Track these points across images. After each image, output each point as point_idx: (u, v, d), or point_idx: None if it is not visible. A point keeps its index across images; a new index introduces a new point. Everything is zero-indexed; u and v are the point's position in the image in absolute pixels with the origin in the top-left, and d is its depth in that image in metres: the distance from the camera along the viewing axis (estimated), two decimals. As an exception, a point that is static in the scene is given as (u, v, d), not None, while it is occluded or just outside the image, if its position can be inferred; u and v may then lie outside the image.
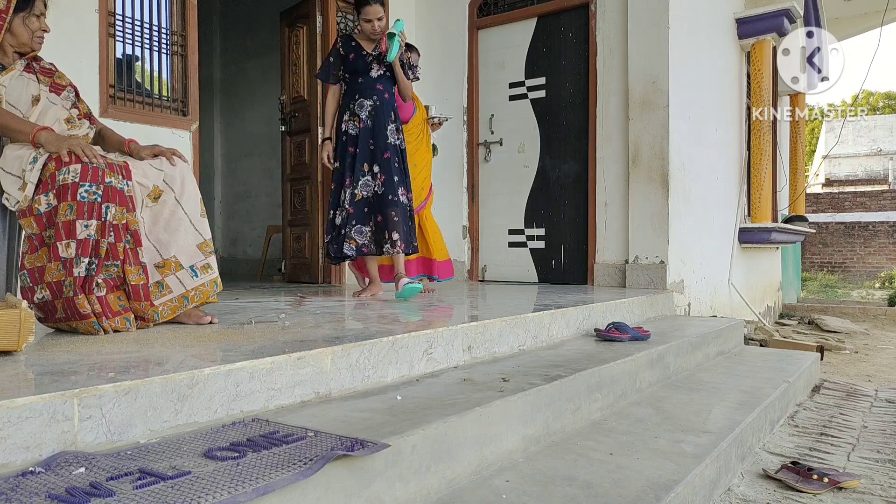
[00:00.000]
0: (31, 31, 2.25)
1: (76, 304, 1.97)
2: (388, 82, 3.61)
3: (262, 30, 6.93)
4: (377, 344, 1.97)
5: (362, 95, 3.54)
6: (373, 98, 3.54)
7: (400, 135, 3.60)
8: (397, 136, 3.58)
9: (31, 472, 1.15)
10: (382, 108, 3.54)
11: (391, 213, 3.43)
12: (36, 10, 2.26)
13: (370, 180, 3.49)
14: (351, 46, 3.58)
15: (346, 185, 3.51)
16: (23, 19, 2.23)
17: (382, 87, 3.57)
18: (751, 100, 6.01)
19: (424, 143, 4.12)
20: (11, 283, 2.21)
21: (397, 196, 3.45)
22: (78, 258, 1.97)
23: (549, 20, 5.04)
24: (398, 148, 3.56)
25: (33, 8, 2.25)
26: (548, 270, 5.01)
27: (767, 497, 2.00)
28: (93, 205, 1.99)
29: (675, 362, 2.95)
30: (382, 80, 3.59)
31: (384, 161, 3.48)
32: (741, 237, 5.78)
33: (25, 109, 2.20)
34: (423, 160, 4.07)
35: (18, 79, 2.23)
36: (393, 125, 3.57)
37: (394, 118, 3.59)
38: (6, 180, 2.10)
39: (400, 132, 3.61)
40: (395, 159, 3.52)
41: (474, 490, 1.55)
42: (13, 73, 2.23)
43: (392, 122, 3.57)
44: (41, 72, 2.32)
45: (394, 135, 3.56)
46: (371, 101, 3.53)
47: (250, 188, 7.17)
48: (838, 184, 19.70)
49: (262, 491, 1.10)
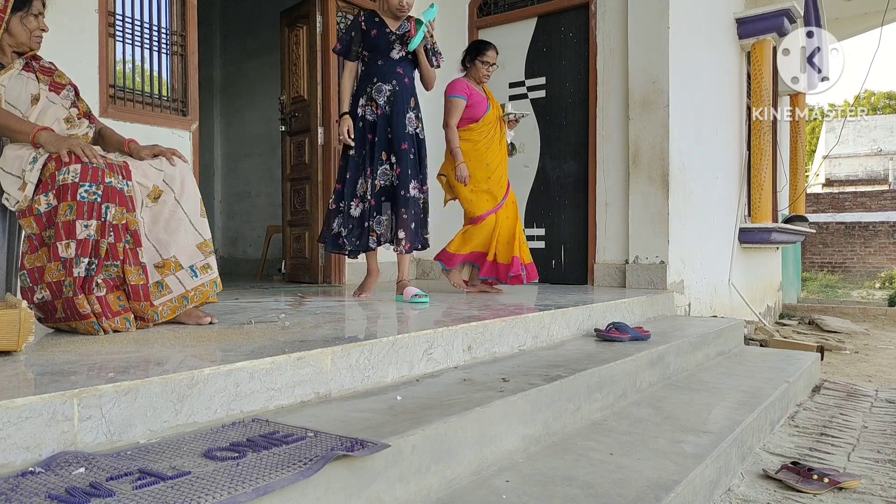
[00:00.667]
0: (30, 30, 2.25)
1: (76, 304, 1.96)
2: (409, 66, 3.39)
3: (262, 30, 6.93)
4: (377, 344, 1.97)
5: (381, 79, 3.33)
6: (392, 82, 3.33)
7: (419, 123, 3.42)
8: (416, 124, 3.39)
9: (30, 472, 1.14)
10: (402, 94, 3.33)
11: (401, 209, 3.31)
12: (34, 9, 2.25)
13: (388, 169, 3.33)
14: (374, 22, 3.35)
15: (366, 176, 3.33)
16: (20, 19, 2.22)
17: (403, 70, 3.36)
18: (751, 100, 6.01)
19: (497, 142, 3.92)
20: (11, 283, 2.21)
21: (409, 191, 3.31)
22: (78, 258, 1.97)
23: (549, 20, 5.04)
24: (416, 137, 3.39)
25: (31, 7, 2.24)
26: (548, 270, 5.01)
27: (768, 497, 2.00)
28: (93, 205, 1.99)
29: (675, 362, 2.95)
30: (403, 63, 3.36)
31: (401, 152, 3.31)
32: (741, 237, 5.78)
33: (25, 108, 2.20)
34: (496, 159, 3.89)
35: (17, 78, 2.23)
36: (412, 112, 3.37)
37: (413, 105, 3.39)
38: (6, 180, 2.10)
39: (419, 120, 3.43)
40: (412, 150, 3.35)
41: (474, 490, 1.55)
42: (12, 73, 2.22)
43: (411, 110, 3.37)
44: (41, 70, 2.32)
45: (412, 123, 3.36)
46: (390, 86, 3.32)
47: (250, 188, 7.17)
48: (838, 184, 19.70)
49: (262, 491, 1.10)
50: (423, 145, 3.44)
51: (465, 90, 3.80)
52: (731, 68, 5.69)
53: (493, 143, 3.90)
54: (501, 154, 3.95)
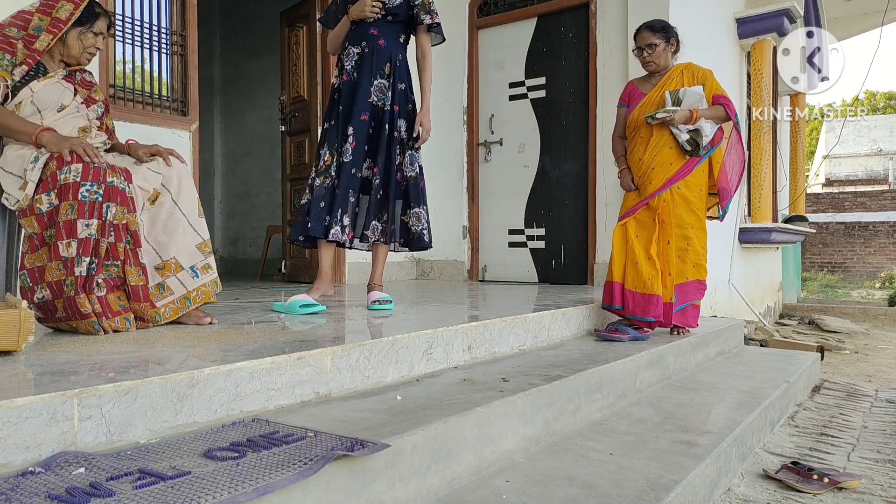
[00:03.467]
0: (84, 46, 2.27)
1: (77, 303, 1.97)
2: (390, 28, 2.86)
3: (262, 30, 6.93)
4: (377, 344, 1.97)
5: (351, 43, 2.88)
6: (361, 44, 2.85)
7: (397, 96, 2.85)
8: (385, 95, 2.83)
9: (30, 472, 1.14)
10: (371, 57, 2.82)
11: (363, 196, 2.85)
12: (96, 27, 2.27)
13: (348, 146, 2.81)
14: None
15: (333, 148, 2.83)
16: (79, 33, 2.24)
17: (377, 31, 2.84)
18: (751, 100, 6.01)
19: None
20: (11, 283, 2.21)
21: (360, 172, 2.83)
22: (79, 257, 1.97)
23: (549, 20, 5.04)
24: (382, 110, 2.83)
25: (93, 26, 2.26)
26: (548, 270, 5.01)
27: (767, 497, 2.00)
28: (94, 204, 1.99)
29: (675, 362, 2.95)
30: (380, 24, 2.85)
31: (359, 124, 2.80)
32: (741, 237, 5.78)
33: (46, 113, 2.20)
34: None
35: (55, 85, 2.23)
36: (383, 80, 2.82)
37: (388, 72, 2.84)
38: (7, 180, 2.10)
39: (399, 93, 2.86)
40: (371, 124, 2.82)
41: (474, 490, 1.55)
42: (51, 80, 2.22)
43: (383, 77, 2.83)
44: (81, 83, 2.33)
45: (380, 93, 2.82)
46: (358, 48, 2.85)
47: (250, 188, 7.17)
48: (838, 184, 19.70)
49: (262, 491, 1.10)
50: (395, 122, 2.85)
51: (624, 96, 3.32)
52: (731, 68, 5.69)
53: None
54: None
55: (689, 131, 3.03)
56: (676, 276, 3.07)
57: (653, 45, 3.12)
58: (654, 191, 3.06)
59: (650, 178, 3.09)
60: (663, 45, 3.13)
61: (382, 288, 2.99)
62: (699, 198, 3.11)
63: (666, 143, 3.07)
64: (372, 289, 2.96)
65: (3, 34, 2.15)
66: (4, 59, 2.15)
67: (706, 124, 3.03)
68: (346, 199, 2.79)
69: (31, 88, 2.17)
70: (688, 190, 3.07)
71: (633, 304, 3.01)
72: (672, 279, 3.04)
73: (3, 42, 2.14)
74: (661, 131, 3.07)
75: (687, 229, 3.07)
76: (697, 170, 3.08)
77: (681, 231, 3.06)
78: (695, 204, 3.09)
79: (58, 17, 2.20)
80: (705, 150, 3.06)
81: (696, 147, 3.02)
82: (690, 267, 3.10)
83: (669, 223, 3.04)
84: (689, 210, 3.07)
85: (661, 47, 3.12)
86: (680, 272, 3.08)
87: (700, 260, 3.12)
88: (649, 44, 3.12)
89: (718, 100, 3.08)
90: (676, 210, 3.05)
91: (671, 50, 3.17)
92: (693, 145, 3.02)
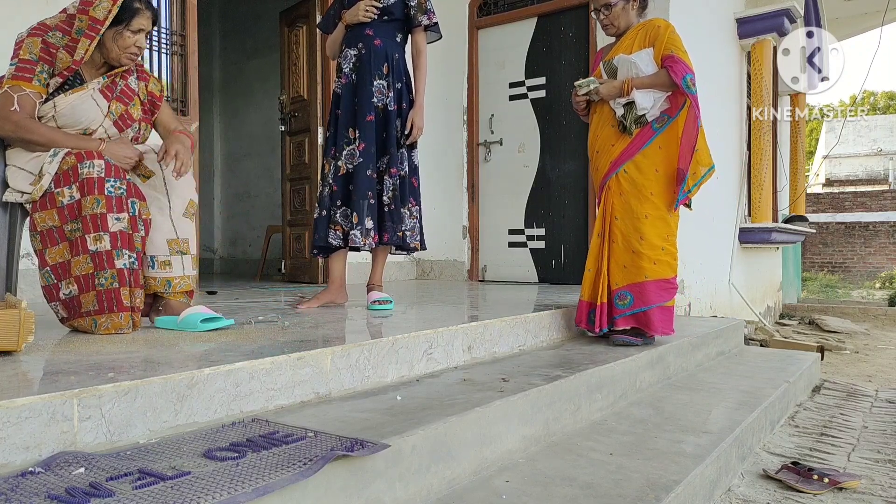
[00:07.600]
0: (120, 47, 2.10)
1: (120, 295, 1.95)
2: (386, 28, 2.87)
3: (262, 30, 6.93)
4: (377, 344, 1.97)
5: (348, 45, 2.89)
6: (357, 45, 2.86)
7: (398, 95, 2.86)
8: (387, 94, 2.84)
9: (30, 472, 1.14)
10: (369, 58, 2.83)
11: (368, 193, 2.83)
12: (134, 25, 2.09)
13: (354, 149, 2.83)
14: None
15: (332, 156, 2.88)
16: (114, 33, 2.07)
17: (373, 32, 2.84)
18: (751, 100, 6.01)
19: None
20: (11, 284, 2.20)
21: (367, 173, 2.83)
22: (118, 251, 1.96)
23: (549, 20, 5.04)
24: (385, 110, 2.85)
25: (131, 24, 2.08)
26: (548, 270, 5.01)
27: (768, 497, 2.00)
28: (121, 199, 1.99)
29: (675, 362, 2.95)
30: (375, 25, 2.85)
31: (365, 125, 2.81)
32: (741, 237, 5.78)
33: (73, 130, 2.10)
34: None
35: (85, 101, 2.08)
36: (383, 81, 2.83)
37: (386, 72, 2.85)
38: (18, 175, 2.04)
39: (399, 91, 2.87)
40: (380, 125, 2.85)
41: (474, 490, 1.55)
42: (81, 93, 2.08)
43: (383, 77, 2.83)
44: (121, 94, 2.18)
45: (381, 94, 2.83)
46: (355, 50, 2.86)
47: (250, 188, 7.18)
48: (839, 184, 19.70)
49: (261, 491, 1.10)
50: (396, 121, 2.87)
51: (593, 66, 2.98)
52: (731, 68, 5.69)
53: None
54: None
55: (624, 105, 2.67)
56: (628, 276, 2.68)
57: (608, 6, 2.73)
58: (601, 178, 2.75)
59: (597, 163, 2.79)
60: (621, 3, 2.73)
61: (382, 288, 3.00)
62: (656, 181, 2.66)
63: (607, 121, 2.72)
64: (372, 289, 2.97)
65: (45, 41, 2.03)
66: (43, 71, 2.01)
67: (643, 95, 2.61)
68: (364, 203, 2.77)
69: (56, 103, 2.04)
70: (639, 173, 2.66)
71: (577, 314, 2.84)
72: (615, 278, 2.70)
73: (44, 51, 2.02)
74: (602, 107, 2.75)
75: (639, 220, 2.65)
76: (649, 148, 2.65)
77: (632, 223, 2.66)
78: (649, 189, 2.65)
79: (94, 16, 2.03)
80: (660, 123, 2.66)
81: (631, 123, 2.65)
82: (649, 264, 2.66)
83: (615, 215, 2.69)
84: (642, 197, 2.65)
85: (619, 6, 2.73)
86: (634, 270, 2.67)
87: (660, 256, 2.67)
88: (604, 4, 2.74)
89: (665, 61, 2.63)
90: (624, 198, 2.67)
91: (633, 8, 2.76)
92: (626, 121, 2.65)
